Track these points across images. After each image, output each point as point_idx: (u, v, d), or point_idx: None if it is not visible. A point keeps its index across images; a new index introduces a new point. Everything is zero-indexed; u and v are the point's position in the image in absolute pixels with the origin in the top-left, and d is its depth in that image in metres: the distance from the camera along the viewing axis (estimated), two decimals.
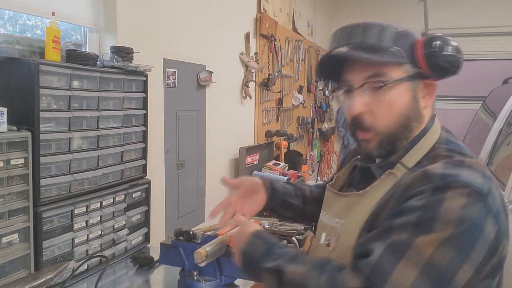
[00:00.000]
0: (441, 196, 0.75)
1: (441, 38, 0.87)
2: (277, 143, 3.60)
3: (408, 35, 0.88)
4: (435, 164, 0.81)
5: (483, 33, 4.79)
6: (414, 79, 0.87)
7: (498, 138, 2.62)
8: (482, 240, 0.74)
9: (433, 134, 0.89)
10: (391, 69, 0.85)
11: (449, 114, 5.05)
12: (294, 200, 1.22)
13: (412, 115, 0.87)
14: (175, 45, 2.29)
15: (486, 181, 0.77)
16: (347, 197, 0.92)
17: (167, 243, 1.26)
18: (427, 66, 0.86)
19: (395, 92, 0.85)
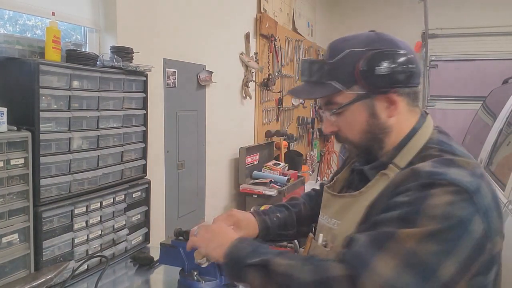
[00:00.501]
0: (426, 192, 0.77)
1: (377, 54, 0.86)
2: (277, 143, 3.60)
3: (353, 57, 0.88)
4: (424, 163, 0.83)
5: (483, 33, 4.79)
6: (365, 98, 0.89)
7: (498, 138, 2.62)
8: (467, 237, 0.74)
9: (424, 133, 0.91)
10: (338, 96, 0.91)
11: (449, 114, 5.06)
12: (290, 230, 1.21)
13: (374, 130, 0.91)
14: (175, 45, 2.29)
15: (474, 179, 0.78)
16: (343, 198, 0.94)
17: (167, 243, 1.26)
18: (366, 85, 0.88)
19: (350, 114, 0.91)
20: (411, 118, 0.93)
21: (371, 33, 0.93)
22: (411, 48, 0.92)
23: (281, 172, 3.24)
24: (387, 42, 0.90)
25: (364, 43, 0.90)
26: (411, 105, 0.92)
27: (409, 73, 0.87)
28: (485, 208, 0.77)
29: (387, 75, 0.86)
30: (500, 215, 0.81)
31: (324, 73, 0.92)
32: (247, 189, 2.95)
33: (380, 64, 0.85)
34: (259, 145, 3.30)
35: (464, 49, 4.94)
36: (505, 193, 2.00)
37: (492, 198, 0.80)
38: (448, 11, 4.91)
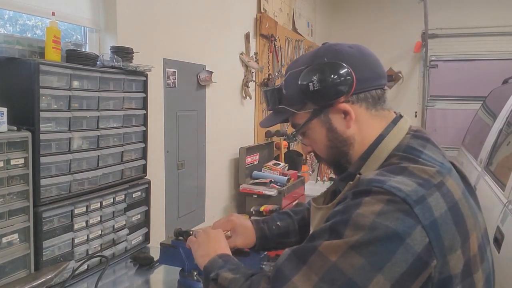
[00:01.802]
0: (358, 200, 0.73)
1: (308, 71, 0.87)
2: (277, 143, 3.60)
3: (294, 78, 0.89)
4: (373, 171, 0.81)
5: (483, 33, 4.80)
6: (318, 114, 0.89)
7: (498, 138, 2.62)
8: (402, 251, 0.67)
9: (392, 140, 0.87)
10: (297, 118, 0.93)
11: (449, 114, 5.06)
12: (291, 238, 1.20)
13: (336, 144, 0.90)
14: (175, 45, 2.29)
15: (421, 189, 0.72)
16: (321, 210, 0.93)
17: (167, 243, 1.26)
18: (311, 102, 0.88)
19: (312, 132, 0.93)
20: (377, 124, 0.89)
21: (320, 47, 0.92)
22: (363, 52, 0.90)
23: (281, 172, 3.24)
24: (329, 54, 0.88)
25: (308, 60, 0.90)
26: (374, 110, 0.89)
27: (348, 81, 0.84)
28: (432, 221, 0.70)
29: (324, 89, 0.84)
30: (461, 230, 0.73)
31: (276, 99, 0.95)
32: (247, 189, 2.95)
33: (312, 80, 0.85)
34: (259, 145, 3.30)
35: (464, 49, 4.94)
36: (505, 193, 2.00)
37: (449, 210, 0.72)
38: (448, 11, 4.91)
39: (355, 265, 0.68)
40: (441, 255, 0.70)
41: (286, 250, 0.79)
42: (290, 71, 0.93)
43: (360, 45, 0.92)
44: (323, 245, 0.72)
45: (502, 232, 1.82)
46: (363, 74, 0.86)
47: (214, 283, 0.89)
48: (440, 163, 0.80)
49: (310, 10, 4.71)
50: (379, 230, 0.68)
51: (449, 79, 5.02)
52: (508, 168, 2.15)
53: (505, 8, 4.69)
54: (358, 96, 0.87)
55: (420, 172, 0.76)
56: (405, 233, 0.68)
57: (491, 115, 3.15)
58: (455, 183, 0.78)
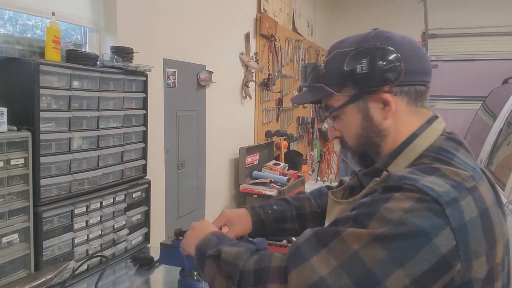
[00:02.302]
0: (388, 195, 0.71)
1: (359, 53, 0.84)
2: (277, 143, 3.60)
3: (340, 58, 0.86)
4: (404, 169, 0.79)
5: (483, 33, 4.80)
6: (357, 100, 0.86)
7: (498, 138, 2.62)
8: (427, 250, 0.66)
9: (426, 139, 0.84)
10: (333, 100, 0.90)
11: (449, 114, 5.06)
12: (289, 224, 1.18)
13: (369, 133, 0.87)
14: (175, 45, 2.29)
15: (454, 191, 0.70)
16: (341, 205, 0.92)
17: (167, 243, 1.26)
18: (354, 85, 0.85)
19: (346, 117, 0.89)
20: (413, 121, 0.86)
21: (370, 31, 0.89)
22: (414, 45, 0.87)
23: (281, 172, 3.24)
24: (380, 39, 0.85)
25: (356, 42, 0.87)
26: (414, 105, 0.86)
27: (398, 70, 0.81)
28: (461, 224, 0.68)
29: (370, 73, 0.82)
30: (489, 236, 0.72)
31: (315, 76, 0.91)
32: (247, 189, 2.95)
33: (361, 63, 0.82)
34: (259, 145, 3.30)
35: (464, 49, 4.94)
36: (505, 193, 2.00)
37: (479, 216, 0.71)
38: (448, 11, 4.91)
39: (376, 257, 0.67)
40: (466, 260, 0.69)
41: (307, 230, 0.77)
42: (336, 50, 0.89)
43: (411, 37, 0.89)
44: (346, 231, 0.70)
45: None
46: (411, 67, 0.83)
47: (213, 260, 0.86)
48: (472, 168, 0.79)
49: (310, 10, 4.71)
50: (405, 226, 0.67)
51: (449, 79, 5.02)
52: (508, 168, 2.15)
53: (505, 8, 4.69)
54: (402, 89, 0.85)
55: (453, 174, 0.74)
56: (433, 232, 0.67)
57: (491, 115, 3.15)
58: (487, 190, 0.77)
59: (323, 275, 0.69)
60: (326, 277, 0.68)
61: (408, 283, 0.66)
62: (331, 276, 0.68)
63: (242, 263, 0.80)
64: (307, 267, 0.71)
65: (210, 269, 0.86)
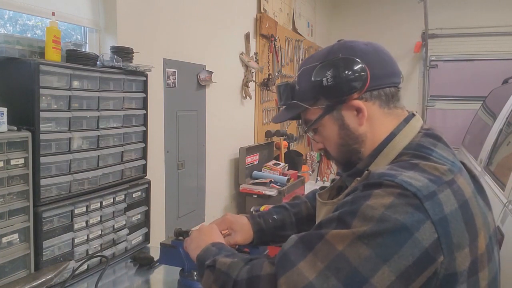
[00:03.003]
0: (368, 192, 0.73)
1: (322, 66, 0.87)
2: (277, 143, 3.60)
3: (308, 73, 0.89)
4: (384, 166, 0.80)
5: (483, 33, 4.80)
6: (331, 111, 0.89)
7: (498, 138, 2.62)
8: (410, 245, 0.67)
9: (403, 138, 0.86)
10: (309, 114, 0.94)
11: (449, 114, 5.06)
12: (288, 231, 1.19)
13: (348, 141, 0.90)
14: (175, 45, 2.29)
15: (432, 185, 0.72)
16: (327, 206, 0.93)
17: (167, 243, 1.26)
18: (324, 98, 0.88)
19: (324, 129, 0.93)
20: (389, 122, 0.89)
21: (335, 43, 0.92)
22: (378, 50, 0.90)
23: (281, 172, 3.24)
24: (343, 50, 0.88)
25: (321, 56, 0.90)
26: (386, 108, 0.89)
27: (362, 77, 0.84)
28: (441, 217, 0.70)
29: (337, 84, 0.85)
30: (470, 228, 0.73)
31: (289, 94, 0.95)
32: (247, 189, 2.95)
33: (326, 75, 0.85)
34: (259, 145, 3.30)
35: (464, 49, 4.94)
36: (505, 193, 2.00)
37: (459, 208, 0.72)
38: (448, 11, 4.91)
39: (362, 255, 0.68)
40: (449, 252, 0.70)
41: (292, 236, 0.79)
42: (304, 67, 0.93)
43: (375, 43, 0.92)
44: (330, 233, 0.72)
45: (502, 232, 1.82)
46: (377, 71, 0.86)
47: (210, 270, 0.88)
48: (451, 161, 0.80)
49: (310, 10, 4.71)
50: (387, 223, 0.68)
51: (449, 79, 5.02)
52: (508, 168, 2.15)
53: (505, 8, 4.69)
54: (372, 93, 0.87)
55: (431, 169, 0.76)
56: (414, 227, 0.68)
57: (491, 115, 3.15)
58: (465, 182, 0.78)
59: (311, 279, 0.70)
60: (314, 281, 0.70)
61: (394, 279, 0.67)
62: (319, 279, 0.70)
63: (236, 273, 0.82)
64: (295, 272, 0.72)
65: (207, 279, 0.88)
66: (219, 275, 0.84)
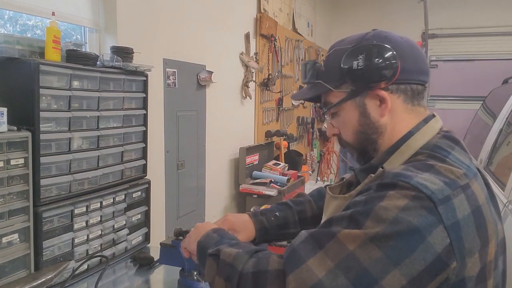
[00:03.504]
0: (382, 193, 0.72)
1: (356, 50, 0.85)
2: (277, 143, 3.60)
3: (338, 55, 0.88)
4: (399, 166, 0.79)
5: (483, 33, 4.80)
6: (355, 96, 0.88)
7: (498, 138, 2.62)
8: (422, 249, 0.66)
9: (422, 137, 0.85)
10: (331, 96, 0.92)
11: (449, 114, 5.06)
12: (291, 229, 1.19)
13: (366, 129, 0.89)
14: (175, 45, 2.29)
15: (447, 188, 0.71)
16: (337, 200, 0.92)
17: (167, 243, 1.26)
18: (351, 82, 0.86)
19: (344, 113, 0.91)
20: (410, 119, 0.88)
21: (370, 31, 0.90)
22: (412, 45, 0.88)
23: (281, 172, 3.24)
24: (378, 38, 0.86)
25: (354, 41, 0.89)
26: (410, 104, 0.88)
27: (394, 68, 0.82)
28: (454, 222, 0.69)
29: (366, 70, 0.83)
30: (482, 234, 0.73)
31: (314, 73, 0.93)
32: (247, 189, 2.95)
33: (357, 59, 0.84)
34: (259, 145, 3.30)
35: (464, 49, 4.94)
36: (505, 193, 2.00)
37: (472, 213, 0.72)
38: (448, 11, 4.91)
39: (373, 257, 0.67)
40: (461, 257, 0.69)
41: (303, 232, 0.78)
42: (335, 48, 0.91)
43: (410, 38, 0.90)
44: (342, 232, 0.71)
45: None
46: (408, 65, 0.85)
47: (213, 258, 0.86)
48: (466, 166, 0.79)
49: (310, 10, 4.71)
50: (400, 225, 0.67)
51: (449, 79, 5.02)
52: (508, 168, 2.15)
53: (505, 8, 4.69)
54: (399, 87, 0.86)
55: (447, 172, 0.74)
56: (426, 230, 0.67)
57: (491, 115, 3.15)
58: (479, 188, 0.77)
59: (320, 277, 0.69)
60: (323, 279, 0.69)
61: (405, 283, 0.66)
62: (328, 277, 0.68)
63: (241, 266, 0.80)
64: (304, 269, 0.71)
65: (210, 269, 0.86)
66: (223, 267, 0.83)
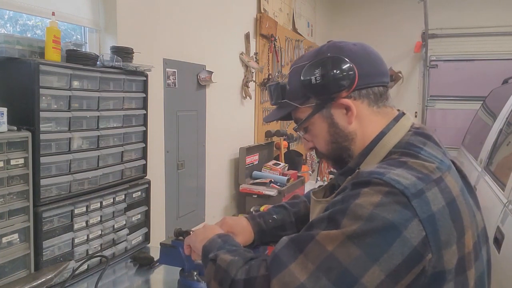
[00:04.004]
0: (357, 190, 0.74)
1: (311, 65, 0.88)
2: (277, 143, 3.60)
3: (297, 73, 0.91)
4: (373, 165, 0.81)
5: (483, 33, 4.80)
6: (320, 109, 0.90)
7: (498, 138, 2.62)
8: (399, 243, 0.68)
9: (392, 137, 0.87)
10: (299, 113, 0.94)
11: (449, 114, 5.06)
12: (288, 231, 1.20)
13: (337, 138, 0.91)
14: (175, 45, 2.29)
15: (420, 182, 0.73)
16: (321, 204, 0.94)
17: (167, 243, 1.26)
18: (313, 96, 0.89)
19: (313, 127, 0.94)
20: (378, 121, 0.90)
21: (325, 44, 0.93)
22: (366, 50, 0.91)
23: (281, 172, 3.24)
24: (332, 50, 0.89)
25: (311, 56, 0.91)
26: (375, 106, 0.90)
27: (349, 76, 0.85)
28: (429, 215, 0.70)
29: (326, 82, 0.85)
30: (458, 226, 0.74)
31: (280, 94, 0.96)
32: (247, 189, 2.95)
33: (314, 74, 0.86)
34: (259, 145, 3.30)
35: (464, 49, 4.94)
36: (505, 193, 2.00)
37: (447, 206, 0.73)
38: (448, 11, 4.91)
39: (352, 255, 0.69)
40: (437, 249, 0.71)
41: (284, 238, 0.80)
42: (294, 66, 0.95)
43: (364, 43, 0.93)
44: (320, 234, 0.73)
45: (502, 232, 1.82)
46: (365, 71, 0.87)
47: (212, 263, 0.88)
48: (439, 160, 0.81)
49: (310, 10, 4.71)
50: (376, 221, 0.69)
51: (449, 79, 5.02)
52: (508, 168, 2.15)
53: (505, 8, 4.69)
54: (360, 92, 0.88)
55: (420, 167, 0.77)
56: (402, 225, 0.69)
57: (491, 115, 3.15)
58: (453, 180, 0.79)
59: (302, 280, 0.71)
60: (305, 283, 0.70)
61: (383, 277, 0.68)
62: (310, 280, 0.70)
63: (234, 271, 0.82)
64: (286, 274, 0.73)
65: (209, 272, 0.89)
66: (218, 271, 0.85)
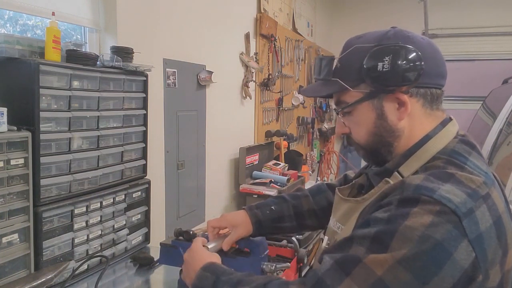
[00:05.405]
0: (406, 210, 0.69)
1: (381, 50, 0.81)
2: (277, 143, 3.60)
3: (360, 54, 0.83)
4: (419, 175, 0.76)
5: (483, 33, 4.80)
6: (373, 98, 0.84)
7: (498, 138, 2.62)
8: (449, 266, 0.65)
9: (438, 142, 0.83)
10: (346, 95, 0.87)
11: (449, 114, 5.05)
12: (286, 223, 1.19)
13: (382, 132, 0.85)
14: (175, 45, 2.29)
15: (470, 200, 0.69)
16: (348, 203, 0.91)
17: (167, 243, 1.26)
18: (372, 83, 0.82)
19: (358, 114, 0.87)
20: (428, 124, 0.85)
21: (390, 29, 0.86)
22: (433, 47, 0.86)
23: (281, 172, 3.24)
24: (401, 38, 0.82)
25: (376, 39, 0.84)
26: (429, 108, 0.85)
27: (418, 71, 0.79)
28: (476, 235, 0.67)
29: (391, 72, 0.79)
30: (502, 244, 0.71)
31: (331, 70, 0.87)
32: (247, 189, 2.95)
33: (383, 60, 0.79)
34: (259, 145, 3.30)
35: (464, 49, 4.94)
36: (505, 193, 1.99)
37: (494, 224, 0.70)
38: (448, 11, 4.91)
39: (402, 280, 0.66)
40: (485, 270, 0.68)
41: (326, 258, 0.74)
42: (355, 45, 0.85)
43: (429, 39, 0.88)
44: (368, 258, 0.69)
45: None
46: (429, 68, 0.82)
47: None
48: (484, 172, 0.77)
49: (310, 10, 4.71)
50: (427, 243, 0.66)
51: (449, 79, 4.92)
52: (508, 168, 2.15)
53: (505, 8, 4.69)
54: (419, 90, 0.83)
55: (468, 181, 0.72)
56: (452, 246, 0.66)
57: (491, 115, 3.15)
58: (498, 196, 0.76)
59: None
60: None
61: None
62: None
63: None
64: None
65: None
66: None
